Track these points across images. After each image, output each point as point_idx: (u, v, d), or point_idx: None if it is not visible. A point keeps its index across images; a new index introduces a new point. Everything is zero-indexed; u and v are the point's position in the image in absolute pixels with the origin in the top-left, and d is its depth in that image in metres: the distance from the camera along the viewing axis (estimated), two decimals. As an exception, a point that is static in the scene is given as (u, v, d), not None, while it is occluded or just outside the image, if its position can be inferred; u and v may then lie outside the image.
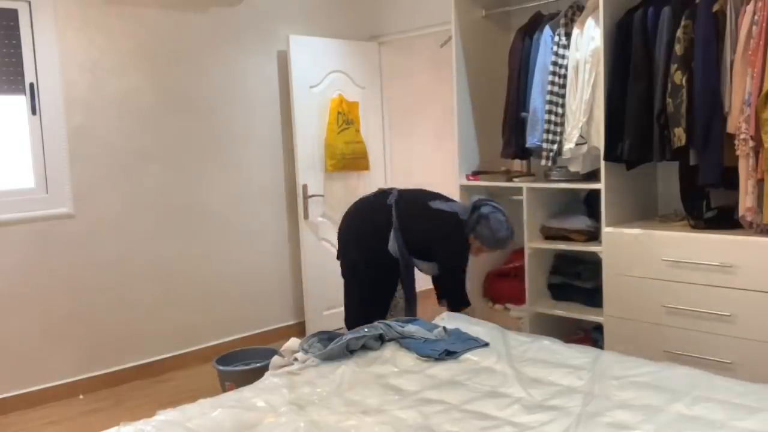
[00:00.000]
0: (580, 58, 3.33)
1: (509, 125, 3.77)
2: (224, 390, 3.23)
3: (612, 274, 3.25)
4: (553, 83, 3.45)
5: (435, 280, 3.46)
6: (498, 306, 4.05)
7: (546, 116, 3.48)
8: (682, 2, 3.02)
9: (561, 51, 3.43)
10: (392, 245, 3.14)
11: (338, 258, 3.41)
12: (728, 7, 2.86)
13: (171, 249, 4.19)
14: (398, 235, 3.13)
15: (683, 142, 2.94)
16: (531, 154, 3.76)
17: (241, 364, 3.52)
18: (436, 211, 3.12)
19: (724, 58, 2.88)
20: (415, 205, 3.18)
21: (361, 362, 2.47)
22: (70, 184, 3.79)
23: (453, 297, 3.23)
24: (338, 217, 4.50)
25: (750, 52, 2.74)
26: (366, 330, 2.63)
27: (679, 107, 2.94)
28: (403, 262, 3.20)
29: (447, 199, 3.27)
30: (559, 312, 3.61)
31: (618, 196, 3.34)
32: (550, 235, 3.67)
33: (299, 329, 4.63)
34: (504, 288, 4.01)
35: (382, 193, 3.33)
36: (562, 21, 3.48)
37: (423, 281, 5.69)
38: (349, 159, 4.71)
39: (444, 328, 2.73)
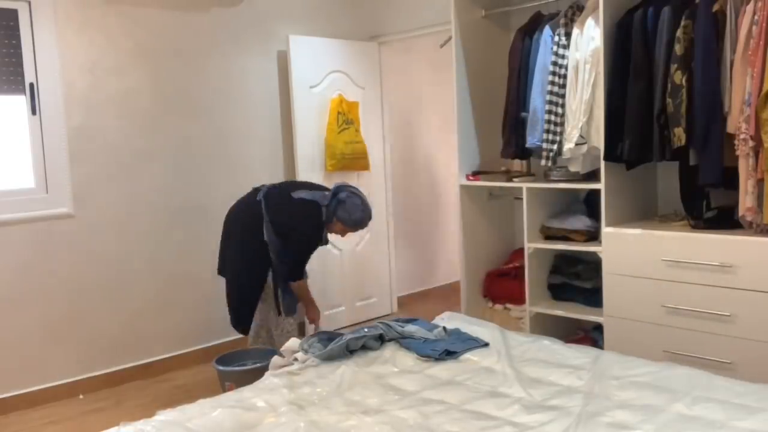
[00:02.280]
0: (580, 58, 3.33)
1: (509, 125, 3.77)
2: (224, 390, 3.23)
3: (612, 274, 3.25)
4: (553, 83, 3.45)
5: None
6: (498, 306, 4.05)
7: (546, 116, 3.48)
8: (682, 2, 3.02)
9: (561, 51, 3.43)
10: (266, 235, 3.47)
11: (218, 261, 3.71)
12: (728, 7, 2.86)
13: (171, 249, 4.19)
14: (268, 225, 3.47)
15: (683, 142, 2.94)
16: (531, 154, 3.76)
17: (241, 364, 3.52)
18: (297, 201, 3.51)
19: (724, 58, 2.88)
20: (280, 197, 3.55)
21: (361, 362, 2.47)
22: (70, 184, 3.79)
23: (292, 270, 3.56)
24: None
25: (750, 52, 2.74)
26: (366, 330, 2.64)
27: (679, 107, 2.95)
28: (273, 249, 3.49)
29: (312, 189, 3.61)
30: (559, 312, 3.61)
31: (618, 196, 3.35)
32: (550, 235, 3.67)
33: (299, 329, 4.62)
34: (504, 288, 4.00)
35: (254, 191, 3.65)
36: (562, 21, 3.48)
37: (415, 284, 5.71)
38: (349, 159, 4.71)
39: (444, 328, 2.74)
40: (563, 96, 3.45)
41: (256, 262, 3.52)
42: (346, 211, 3.47)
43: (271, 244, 3.47)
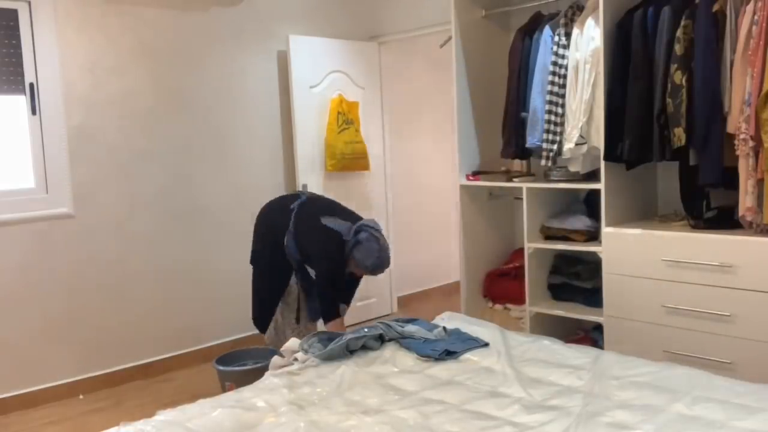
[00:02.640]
0: (580, 58, 3.33)
1: (509, 125, 3.77)
2: (224, 390, 3.23)
3: (612, 274, 3.25)
4: (553, 83, 3.45)
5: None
6: (498, 306, 4.05)
7: (546, 116, 3.48)
8: (682, 2, 3.02)
9: (561, 51, 3.43)
10: (287, 245, 3.44)
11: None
12: (728, 7, 2.86)
13: (171, 249, 4.19)
14: (291, 238, 3.43)
15: (683, 142, 2.94)
16: (531, 154, 3.75)
17: (241, 364, 3.52)
18: (323, 227, 3.37)
19: (724, 57, 2.88)
20: (310, 216, 3.44)
21: (361, 362, 2.47)
22: (70, 184, 3.79)
23: (321, 306, 3.44)
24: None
25: (750, 52, 2.74)
26: (366, 330, 2.64)
27: (679, 107, 2.95)
28: (295, 262, 3.49)
29: (344, 217, 3.45)
30: (559, 312, 3.61)
31: (618, 196, 3.35)
32: (550, 235, 3.67)
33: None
34: (504, 288, 4.00)
35: (291, 197, 3.63)
36: (562, 21, 3.48)
37: (415, 284, 5.71)
38: (349, 159, 4.71)
39: (444, 328, 2.73)
40: (563, 96, 3.45)
41: (275, 265, 3.52)
42: (361, 253, 3.32)
43: (288, 249, 3.44)
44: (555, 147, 3.47)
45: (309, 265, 3.51)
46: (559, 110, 3.46)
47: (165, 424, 2.01)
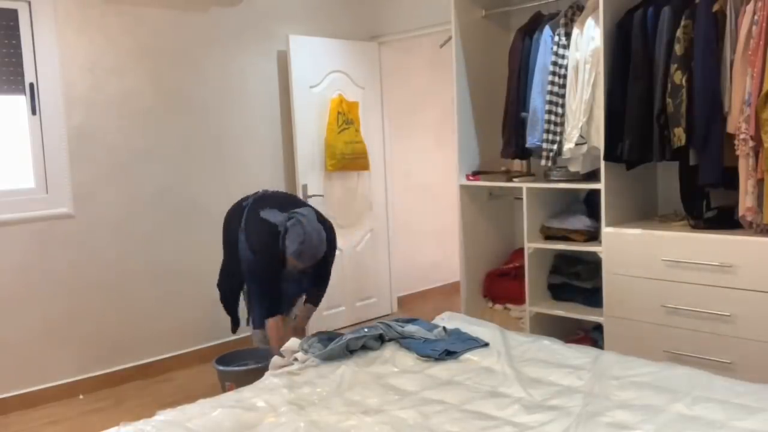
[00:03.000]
0: (580, 58, 3.33)
1: (509, 125, 3.77)
2: (224, 390, 3.23)
3: (612, 274, 3.25)
4: (553, 83, 3.45)
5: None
6: (498, 306, 4.05)
7: (546, 116, 3.48)
8: (682, 2, 3.02)
9: (561, 51, 3.43)
10: (240, 246, 3.43)
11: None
12: (728, 7, 2.86)
13: (171, 249, 4.19)
14: (244, 238, 3.41)
15: (683, 142, 2.94)
16: (531, 154, 3.76)
17: (241, 364, 3.52)
18: (261, 220, 3.33)
19: (724, 57, 2.88)
20: (253, 210, 3.42)
21: (361, 362, 2.47)
22: (70, 184, 3.79)
23: (261, 306, 3.42)
24: (338, 218, 4.54)
25: (750, 52, 2.74)
26: (366, 330, 2.64)
27: (678, 107, 2.95)
28: (245, 259, 3.41)
29: (283, 208, 3.37)
30: (559, 312, 3.61)
31: (618, 196, 3.35)
32: (550, 235, 3.67)
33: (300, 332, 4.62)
34: (504, 288, 4.00)
35: (249, 196, 3.60)
36: (562, 21, 3.48)
37: (415, 284, 5.71)
38: (349, 159, 4.71)
39: (444, 328, 2.74)
40: (563, 96, 3.45)
41: (236, 269, 3.54)
42: (288, 240, 3.21)
43: (240, 249, 3.45)
44: (555, 147, 3.48)
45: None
46: (559, 110, 3.46)
47: (165, 424, 2.01)
